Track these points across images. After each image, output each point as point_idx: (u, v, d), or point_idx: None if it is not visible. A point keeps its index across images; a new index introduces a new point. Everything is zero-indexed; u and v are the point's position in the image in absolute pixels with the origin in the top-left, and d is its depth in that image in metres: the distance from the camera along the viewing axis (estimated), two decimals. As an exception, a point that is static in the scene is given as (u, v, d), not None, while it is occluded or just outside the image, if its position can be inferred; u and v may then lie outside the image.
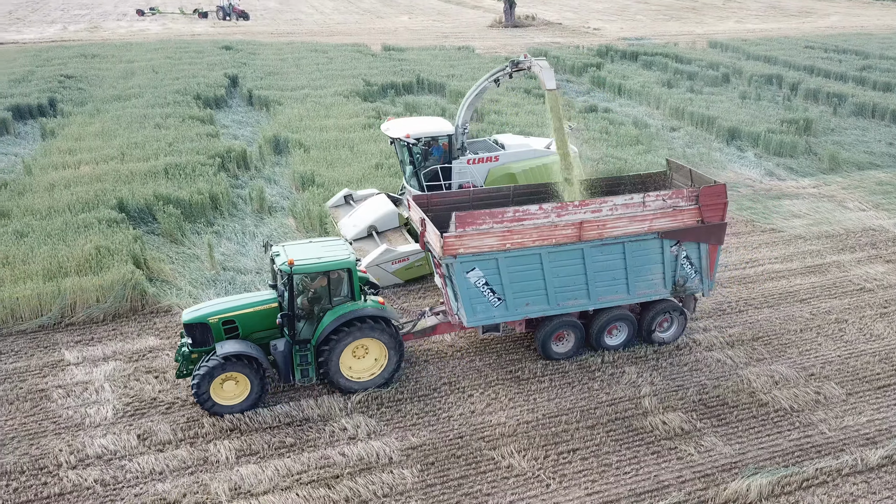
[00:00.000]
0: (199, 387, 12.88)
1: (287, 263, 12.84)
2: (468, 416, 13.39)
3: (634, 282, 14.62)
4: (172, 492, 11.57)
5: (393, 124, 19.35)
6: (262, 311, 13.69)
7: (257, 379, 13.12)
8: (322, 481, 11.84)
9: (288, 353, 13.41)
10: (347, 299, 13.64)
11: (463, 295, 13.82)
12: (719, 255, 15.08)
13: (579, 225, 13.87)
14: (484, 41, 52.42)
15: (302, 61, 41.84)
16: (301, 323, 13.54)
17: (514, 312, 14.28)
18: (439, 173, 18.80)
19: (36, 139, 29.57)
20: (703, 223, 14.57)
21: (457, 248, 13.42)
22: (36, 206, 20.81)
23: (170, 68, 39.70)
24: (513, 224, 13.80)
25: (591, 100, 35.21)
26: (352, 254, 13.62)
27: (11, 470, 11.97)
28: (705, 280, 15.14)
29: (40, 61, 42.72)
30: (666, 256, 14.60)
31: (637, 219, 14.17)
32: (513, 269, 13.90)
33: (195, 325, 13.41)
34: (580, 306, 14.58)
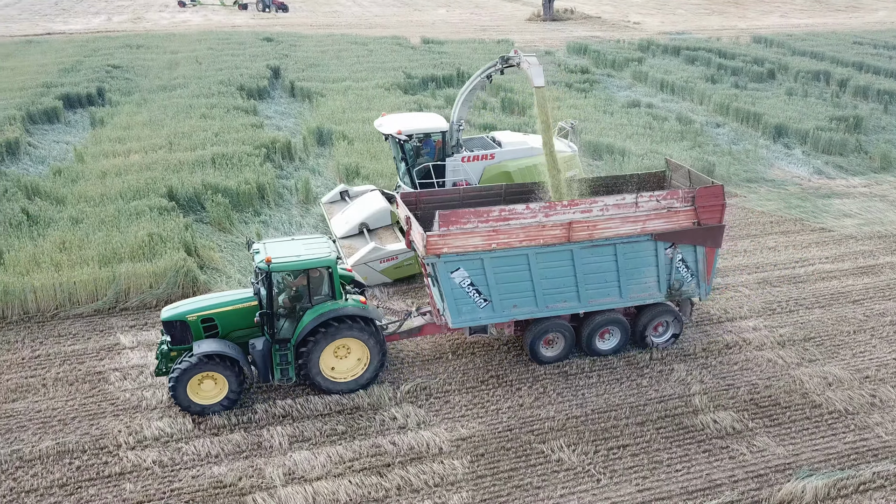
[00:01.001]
0: (176, 385, 12.68)
1: (265, 261, 12.61)
2: (516, 409, 13.43)
3: (627, 285, 14.19)
4: (228, 475, 11.81)
5: (386, 120, 18.98)
6: (241, 310, 13.44)
7: (235, 378, 12.88)
8: (373, 469, 11.99)
9: (267, 352, 13.14)
10: (328, 298, 13.31)
11: (448, 295, 13.52)
12: (717, 259, 14.60)
13: (568, 225, 13.48)
14: (522, 35, 52.16)
15: (342, 53, 42.07)
16: (281, 322, 13.30)
17: (501, 314, 13.92)
18: (431, 171, 18.39)
19: (86, 127, 30.20)
20: (699, 225, 14.11)
21: (441, 248, 13.13)
22: (89, 193, 21.30)
23: (213, 59, 40.23)
24: (498, 224, 13.51)
25: (633, 95, 34.86)
26: (333, 252, 13.28)
27: (74, 449, 12.33)
28: (702, 284, 14.62)
29: (87, 51, 43.56)
30: (660, 259, 14.14)
31: (629, 220, 13.76)
32: (499, 270, 13.54)
33: (174, 322, 13.21)
34: (570, 309, 14.18)
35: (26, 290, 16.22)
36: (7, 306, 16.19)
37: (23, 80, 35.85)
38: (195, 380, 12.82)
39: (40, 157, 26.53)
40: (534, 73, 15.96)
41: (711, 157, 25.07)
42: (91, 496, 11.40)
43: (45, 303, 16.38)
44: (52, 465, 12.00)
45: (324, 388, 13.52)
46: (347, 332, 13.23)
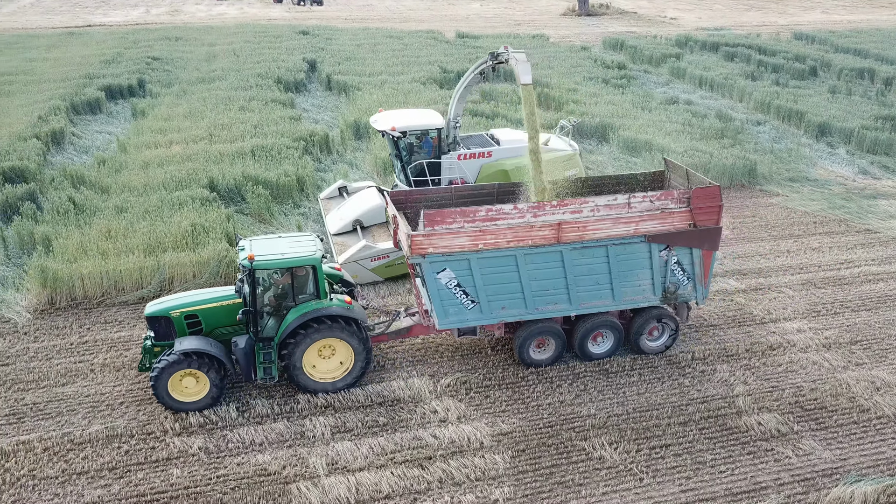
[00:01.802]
0: (157, 382, 12.59)
1: (247, 259, 12.52)
2: (557, 405, 13.40)
3: (620, 287, 13.83)
4: (272, 463, 11.97)
5: (381, 116, 18.74)
6: (225, 307, 13.33)
7: (217, 377, 12.77)
8: (415, 462, 12.06)
9: (249, 350, 12.97)
10: (313, 297, 13.15)
11: (434, 296, 13.27)
12: (714, 262, 14.20)
13: (557, 226, 13.15)
14: (557, 29, 51.80)
15: (378, 47, 42.18)
16: (265, 320, 13.22)
17: (490, 316, 13.64)
18: (425, 169, 18.11)
19: (127, 118, 30.70)
20: (695, 227, 13.73)
21: (426, 248, 12.88)
22: (133, 183, 21.67)
23: (250, 52, 40.60)
24: (485, 224, 13.28)
25: (670, 91, 34.44)
26: (318, 251, 13.09)
27: (122, 433, 12.59)
28: (699, 287, 14.22)
29: (127, 43, 44.25)
30: (654, 261, 13.75)
31: (622, 221, 13.41)
32: (486, 271, 13.24)
33: (157, 318, 13.15)
34: (561, 311, 13.87)
35: (74, 278, 16.58)
36: (56, 292, 16.56)
37: (66, 70, 36.56)
38: (176, 377, 12.68)
39: (84, 147, 27.05)
40: (521, 70, 15.61)
41: (752, 156, 24.69)
42: (139, 480, 11.64)
43: (91, 290, 16.72)
44: (101, 448, 12.27)
45: (307, 388, 13.30)
46: (330, 333, 13.01)
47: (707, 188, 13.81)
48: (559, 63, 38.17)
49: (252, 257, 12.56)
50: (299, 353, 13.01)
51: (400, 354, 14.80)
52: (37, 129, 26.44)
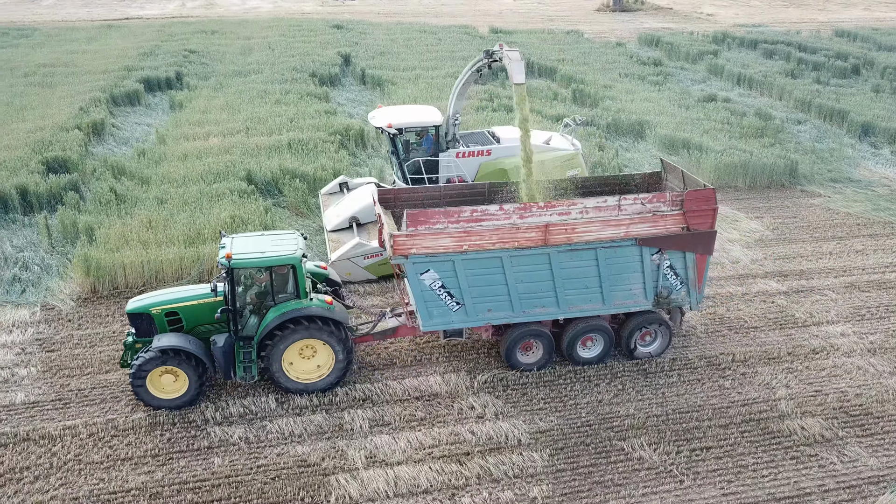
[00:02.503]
0: (135, 378, 12.55)
1: (225, 257, 12.39)
2: (595, 405, 13.31)
3: (610, 291, 13.50)
4: (312, 455, 12.06)
5: (379, 112, 18.50)
6: (206, 305, 13.21)
7: (195, 375, 12.67)
8: (453, 457, 12.06)
9: (228, 348, 12.85)
10: (293, 297, 13.02)
11: (417, 298, 13.04)
12: (708, 266, 13.80)
13: (544, 228, 12.84)
14: (591, 25, 51.35)
15: (412, 42, 42.19)
16: (246, 318, 13.15)
17: (475, 318, 13.39)
18: (421, 166, 17.83)
19: (165, 110, 31.10)
20: (688, 230, 13.36)
21: (409, 249, 12.61)
22: (172, 175, 21.95)
23: (285, 46, 40.87)
24: (470, 224, 13.02)
25: (708, 89, 33.95)
26: (299, 250, 12.91)
27: (164, 421, 12.78)
28: (692, 292, 13.87)
29: (164, 36, 44.82)
30: (646, 265, 13.40)
31: (611, 223, 13.09)
32: (471, 273, 12.95)
33: (138, 314, 13.10)
34: (548, 315, 13.62)
35: (116, 267, 16.85)
36: (98, 281, 16.85)
37: (105, 63, 37.15)
38: (155, 374, 12.64)
39: (123, 139, 27.45)
40: (514, 69, 15.33)
41: (793, 155, 24.24)
42: (181, 467, 11.80)
43: (133, 279, 16.99)
44: (144, 435, 12.47)
45: (286, 388, 13.20)
46: (309, 333, 12.86)
47: (701, 191, 13.41)
48: (594, 59, 37.84)
49: (230, 256, 12.44)
50: (278, 353, 12.88)
51: (437, 350, 14.81)
52: (78, 120, 26.91)
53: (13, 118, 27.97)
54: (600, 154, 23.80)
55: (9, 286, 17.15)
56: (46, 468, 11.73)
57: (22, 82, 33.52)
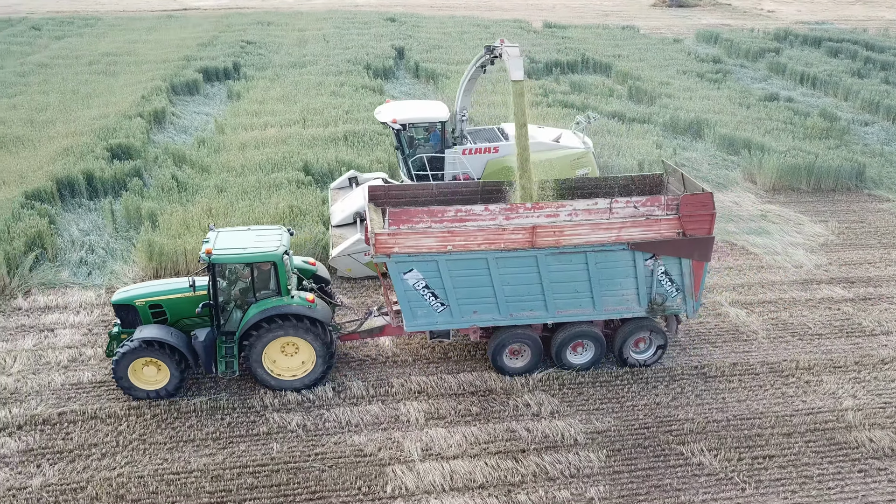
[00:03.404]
0: (117, 368, 12.66)
1: (205, 252, 12.35)
2: (653, 407, 13.11)
3: (601, 296, 13.10)
4: (368, 445, 12.16)
5: (385, 108, 18.26)
6: (189, 299, 13.16)
7: (176, 367, 12.73)
8: (508, 453, 12.03)
9: (210, 343, 12.85)
10: (274, 293, 12.91)
11: (401, 298, 12.79)
12: (706, 273, 13.26)
13: (531, 230, 12.47)
14: (647, 21, 50.46)
15: (465, 35, 42.07)
16: (230, 313, 13.12)
17: (460, 320, 13.11)
18: (425, 163, 17.59)
19: (223, 100, 31.66)
20: (684, 236, 12.85)
21: (391, 248, 12.37)
22: (231, 164, 22.35)
23: (339, 38, 41.19)
24: (454, 224, 12.64)
25: (769, 87, 33.05)
26: (281, 246, 12.74)
27: (224, 406, 13.03)
28: (689, 300, 13.35)
29: (222, 27, 45.60)
30: (639, 271, 12.94)
31: (602, 227, 12.64)
32: (456, 274, 12.65)
33: (123, 306, 13.16)
34: (536, 318, 13.26)
35: (178, 252, 17.23)
36: (160, 266, 17.25)
37: (165, 52, 37.98)
38: (138, 364, 12.75)
39: (183, 127, 28.04)
40: (512, 65, 15.01)
41: (861, 158, 23.45)
42: (242, 451, 12.02)
43: (194, 265, 17.31)
44: (205, 418, 12.74)
45: (267, 385, 13.18)
46: (290, 331, 12.77)
47: (697, 195, 12.91)
48: (651, 56, 37.19)
49: (210, 251, 12.40)
50: (258, 349, 12.83)
51: (492, 345, 14.77)
52: (140, 108, 27.57)
53: (79, 105, 28.83)
54: (658, 153, 23.38)
55: (76, 268, 17.70)
56: (113, 446, 12.08)
57: (86, 70, 34.51)
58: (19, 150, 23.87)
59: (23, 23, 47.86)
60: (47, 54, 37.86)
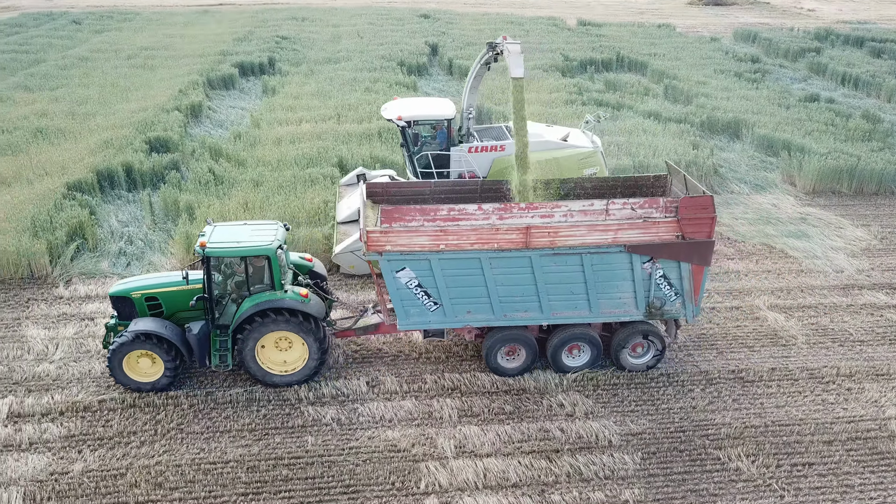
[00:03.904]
0: (112, 360, 12.74)
1: (199, 245, 12.40)
2: (689, 410, 12.95)
3: (597, 299, 12.87)
4: (402, 440, 12.19)
5: (392, 105, 18.14)
6: (185, 292, 13.21)
7: (170, 359, 12.74)
8: (542, 453, 11.97)
9: (203, 336, 12.86)
10: (268, 288, 12.90)
11: (393, 296, 12.70)
12: (706, 278, 12.90)
13: (526, 230, 12.27)
14: (684, 19, 49.82)
15: (498, 32, 41.69)
16: (225, 307, 13.16)
17: (454, 320, 12.98)
18: (430, 161, 17.42)
19: (258, 95, 31.97)
20: (683, 239, 12.55)
21: (383, 245, 12.24)
22: (266, 158, 22.54)
23: (373, 34, 41.34)
24: (447, 223, 12.41)
25: (809, 88, 32.42)
26: (275, 241, 12.74)
27: (260, 398, 13.16)
28: (688, 304, 13.06)
29: (257, 22, 46.06)
30: (637, 274, 12.67)
31: (598, 228, 12.40)
32: (449, 273, 12.49)
33: (120, 298, 13.23)
34: (531, 320, 13.09)
35: (215, 245, 17.39)
36: (197, 257, 17.40)
37: (202, 47, 38.48)
38: (133, 357, 12.81)
39: (219, 121, 28.38)
40: (513, 62, 14.78)
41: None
42: (277, 443, 12.13)
43: (230, 258, 17.50)
44: (241, 410, 12.88)
45: (260, 380, 13.18)
46: (282, 325, 12.73)
47: (697, 198, 12.60)
48: (687, 54, 36.72)
49: (204, 244, 12.45)
50: (251, 343, 12.83)
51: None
52: (178, 101, 27.98)
53: (118, 98, 29.34)
54: (694, 153, 23.07)
55: (115, 259, 18.01)
56: (151, 434, 12.27)
57: (125, 64, 35.11)
58: (61, 141, 24.36)
59: (64, 17, 48.85)
60: (87, 48, 38.58)
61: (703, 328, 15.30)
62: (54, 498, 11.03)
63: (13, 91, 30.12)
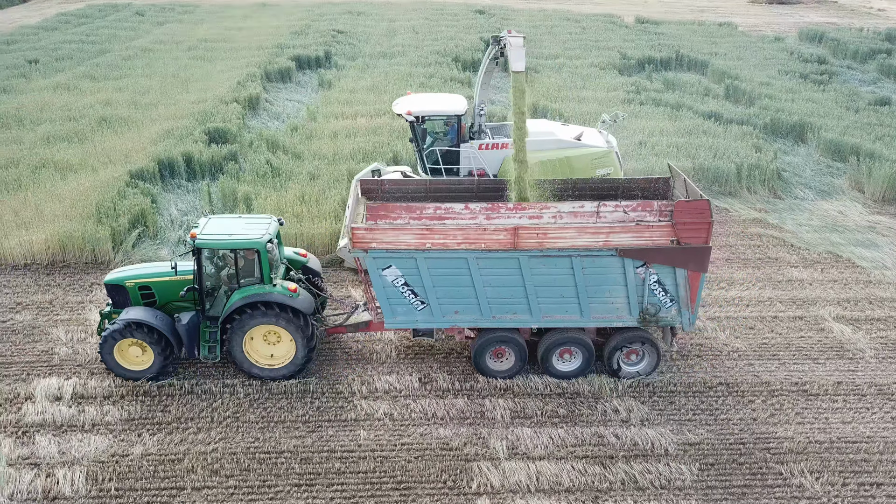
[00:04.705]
0: (103, 347, 12.90)
1: (190, 236, 12.56)
2: (749, 422, 12.57)
3: (589, 303, 12.59)
4: (454, 439, 12.13)
5: (404, 100, 17.89)
6: (178, 282, 13.32)
7: (159, 349, 12.86)
8: (596, 459, 11.77)
9: (192, 326, 13.00)
10: (258, 281, 12.94)
11: (379, 294, 12.62)
12: (702, 285, 12.48)
13: (514, 231, 12.00)
14: (746, 18, 48.47)
15: (555, 29, 41.50)
16: (218, 298, 13.22)
17: (441, 320, 12.86)
18: (439, 157, 17.15)
19: (314, 88, 32.26)
20: (678, 244, 12.09)
21: (368, 243, 12.09)
22: (322, 152, 22.72)
23: (428, 29, 41.32)
24: (433, 222, 12.22)
25: (879, 91, 31.14)
26: (266, 235, 12.75)
27: (314, 390, 13.26)
28: (684, 312, 12.66)
29: (314, 16, 46.49)
30: (629, 278, 12.32)
31: (588, 230, 12.07)
32: (435, 272, 12.33)
33: (114, 286, 13.39)
34: (520, 322, 12.89)
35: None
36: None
37: (260, 40, 39.02)
38: (124, 345, 12.95)
39: (276, 114, 28.72)
40: (514, 55, 14.36)
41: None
42: (330, 436, 12.21)
43: (286, 249, 17.71)
44: (295, 401, 12.99)
45: (246, 372, 13.25)
46: (266, 319, 12.76)
47: (693, 202, 12.21)
48: (750, 54, 35.70)
49: (194, 235, 12.59)
50: (238, 336, 12.92)
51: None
52: (236, 93, 28.40)
53: (178, 89, 29.96)
54: (757, 156, 22.41)
55: (174, 247, 18.38)
56: (208, 422, 12.48)
57: (186, 55, 35.83)
58: (124, 130, 24.99)
59: (128, 8, 50.14)
60: (150, 39, 39.53)
61: (765, 337, 14.85)
62: (115, 479, 11.30)
63: (80, 80, 31.05)
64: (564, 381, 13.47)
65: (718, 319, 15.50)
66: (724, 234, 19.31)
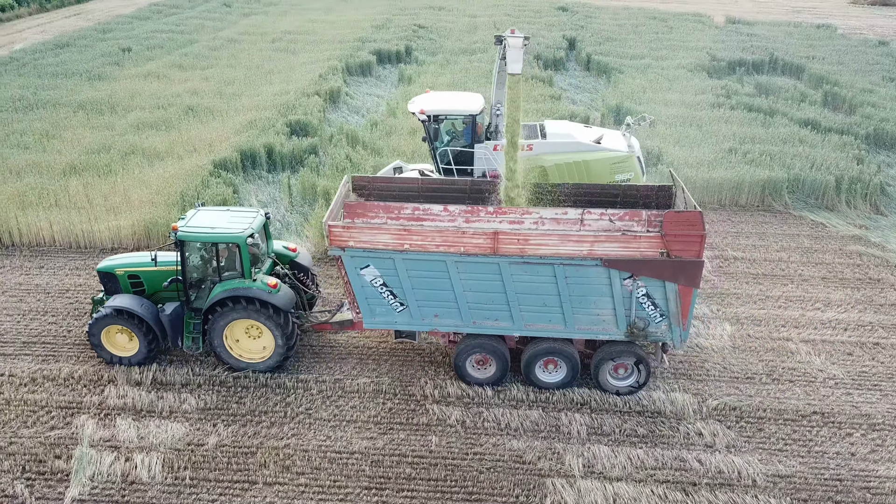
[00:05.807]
0: (91, 332, 13.23)
1: (172, 228, 12.64)
2: (847, 457, 11.70)
3: (573, 313, 12.07)
4: (528, 452, 11.75)
5: (420, 98, 17.36)
6: (164, 272, 13.54)
7: (143, 336, 13.15)
8: (678, 484, 11.18)
9: (175, 317, 13.24)
10: (239, 275, 12.92)
11: (358, 293, 12.40)
12: (695, 300, 11.79)
13: (494, 235, 11.53)
14: (846, 20, 45.94)
15: (640, 28, 40.30)
16: (204, 290, 13.38)
17: (421, 322, 12.58)
18: (450, 157, 16.57)
19: (393, 83, 32.27)
20: (668, 256, 11.28)
21: (345, 241, 11.85)
22: (402, 148, 22.60)
23: (509, 26, 40.66)
24: (410, 223, 11.81)
25: None
26: (247, 229, 12.73)
27: (386, 390, 13.11)
28: (675, 328, 11.94)
29: (395, 10, 46.65)
30: (616, 290, 11.71)
31: (571, 239, 11.51)
32: (414, 274, 12.02)
33: (106, 274, 13.69)
34: (501, 329, 12.51)
35: (348, 232, 17.57)
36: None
37: (341, 33, 39.38)
38: (112, 331, 13.32)
39: (355, 108, 28.85)
40: (510, 57, 13.70)
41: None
42: (401, 440, 12.02)
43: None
44: (368, 401, 12.88)
45: (228, 365, 13.35)
46: (248, 313, 12.81)
47: (684, 213, 11.66)
48: (850, 59, 33.73)
49: (175, 228, 12.69)
50: (218, 329, 13.04)
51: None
52: (317, 86, 28.67)
53: (262, 81, 30.47)
54: (858, 168, 21.04)
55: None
56: (281, 416, 12.49)
57: (269, 48, 36.47)
58: (209, 120, 25.55)
59: None
60: (236, 30, 40.45)
61: (865, 365, 13.86)
62: (190, 468, 11.42)
63: (169, 69, 31.99)
64: (644, 399, 12.89)
65: (813, 342, 14.56)
66: (819, 250, 18.20)
